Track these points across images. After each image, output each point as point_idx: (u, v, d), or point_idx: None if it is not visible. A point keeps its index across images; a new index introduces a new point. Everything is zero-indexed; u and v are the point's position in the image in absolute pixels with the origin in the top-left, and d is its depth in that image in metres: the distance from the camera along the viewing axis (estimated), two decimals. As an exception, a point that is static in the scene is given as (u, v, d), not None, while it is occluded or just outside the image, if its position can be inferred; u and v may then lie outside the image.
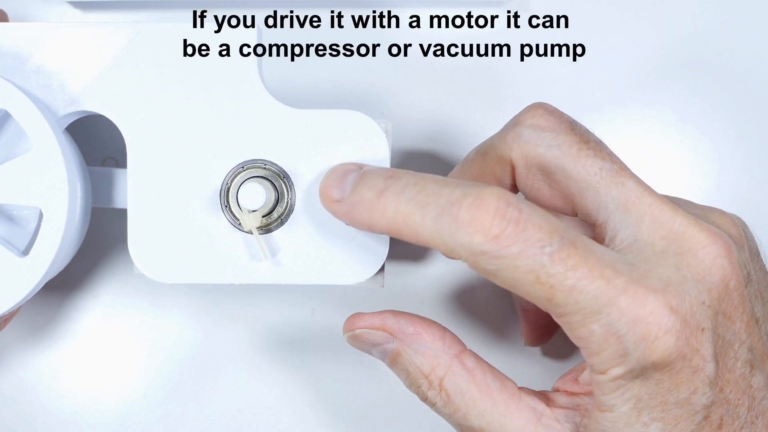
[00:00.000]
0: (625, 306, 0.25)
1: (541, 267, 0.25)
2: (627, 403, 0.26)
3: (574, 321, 0.26)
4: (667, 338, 0.25)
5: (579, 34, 0.39)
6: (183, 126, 0.31)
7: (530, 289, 0.26)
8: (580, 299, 0.25)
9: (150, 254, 0.31)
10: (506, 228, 0.25)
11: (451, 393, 0.29)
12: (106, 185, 0.34)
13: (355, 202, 0.28)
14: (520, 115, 0.31)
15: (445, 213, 0.26)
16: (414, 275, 0.39)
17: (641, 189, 0.28)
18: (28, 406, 0.39)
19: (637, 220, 0.28)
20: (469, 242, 0.25)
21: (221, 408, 0.39)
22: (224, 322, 0.39)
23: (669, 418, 0.26)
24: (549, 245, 0.25)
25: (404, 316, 0.30)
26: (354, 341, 0.31)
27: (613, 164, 0.29)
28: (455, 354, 0.30)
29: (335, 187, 0.29)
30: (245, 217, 0.30)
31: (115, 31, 0.31)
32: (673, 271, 0.26)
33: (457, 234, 0.26)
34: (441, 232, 0.26)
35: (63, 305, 0.39)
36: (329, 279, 0.31)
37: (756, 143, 0.40)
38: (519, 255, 0.25)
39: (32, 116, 0.29)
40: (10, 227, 0.32)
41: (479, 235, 0.25)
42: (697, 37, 0.39)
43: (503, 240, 0.25)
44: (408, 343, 0.30)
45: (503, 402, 0.29)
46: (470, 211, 0.26)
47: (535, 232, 0.25)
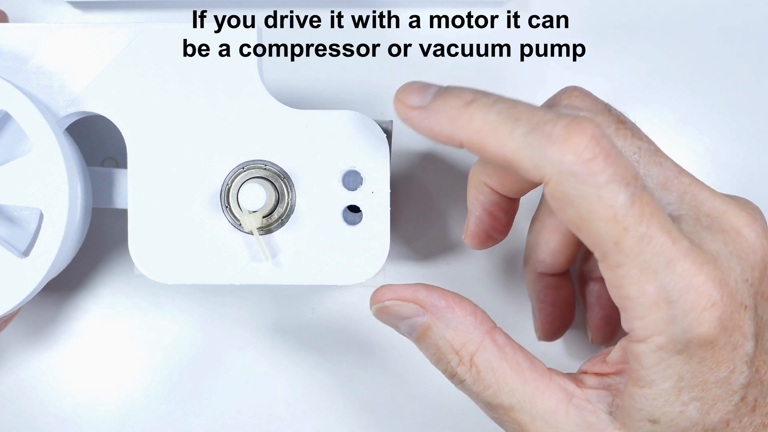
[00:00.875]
0: (682, 271, 0.25)
1: (622, 205, 0.25)
2: (668, 380, 0.26)
3: (630, 275, 0.25)
4: (714, 311, 0.25)
5: (579, 34, 0.39)
6: (183, 126, 0.31)
7: (602, 225, 0.25)
8: (646, 250, 0.25)
9: (150, 255, 0.31)
10: (599, 155, 0.25)
11: (482, 369, 0.29)
12: (107, 185, 0.34)
13: (437, 109, 0.27)
14: (555, 96, 0.31)
15: (538, 129, 0.25)
16: (414, 275, 0.39)
17: (679, 169, 0.28)
18: (29, 406, 0.39)
19: (678, 198, 0.28)
20: (559, 159, 0.25)
21: (221, 408, 0.39)
22: (224, 322, 0.39)
23: (708, 398, 0.26)
24: (633, 186, 0.25)
25: (436, 289, 0.30)
26: (381, 314, 0.30)
27: (650, 145, 0.29)
28: (487, 330, 0.29)
29: (416, 94, 0.28)
30: (246, 218, 0.30)
31: (116, 32, 0.31)
32: (721, 245, 0.26)
33: (548, 149, 0.25)
34: (530, 146, 0.25)
35: (63, 305, 0.39)
36: (329, 280, 0.31)
37: (755, 143, 0.40)
38: (606, 185, 0.25)
39: (32, 117, 0.29)
40: (10, 228, 0.32)
41: (571, 154, 0.25)
42: (697, 37, 0.39)
43: (594, 166, 0.25)
44: (439, 317, 0.29)
45: (534, 381, 0.28)
46: (566, 131, 0.25)
47: (624, 169, 0.25)
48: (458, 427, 0.39)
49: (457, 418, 0.39)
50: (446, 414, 0.39)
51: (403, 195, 0.39)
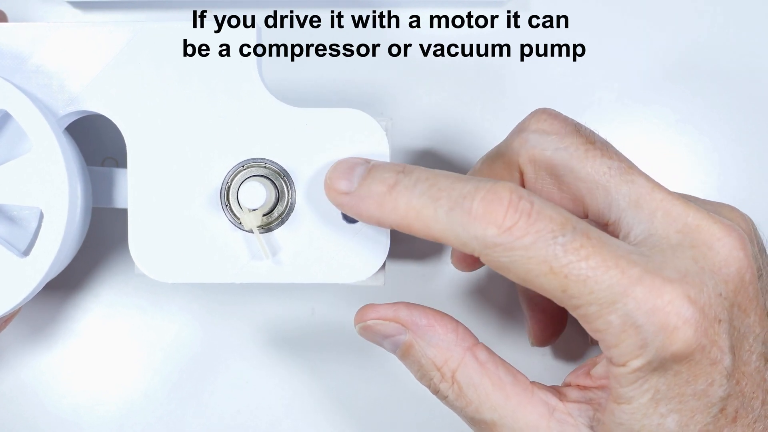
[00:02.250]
0: (641, 296, 0.25)
1: (555, 257, 0.25)
2: (645, 394, 0.26)
3: (590, 312, 0.26)
4: (686, 328, 0.25)
5: (579, 34, 0.39)
6: (183, 125, 0.31)
7: (544, 280, 0.26)
8: (595, 289, 0.25)
9: (151, 254, 0.31)
10: (519, 220, 0.25)
11: (463, 386, 0.29)
12: (107, 185, 0.34)
13: (363, 195, 0.28)
14: (524, 121, 0.31)
15: (458, 206, 0.26)
16: (414, 274, 0.39)
17: (651, 185, 0.28)
18: (29, 406, 0.39)
19: (649, 216, 0.28)
20: (482, 234, 0.26)
21: (221, 408, 0.39)
22: (224, 321, 0.39)
23: (686, 410, 0.26)
24: (561, 235, 0.25)
25: (417, 307, 0.30)
26: (365, 332, 0.31)
27: (621, 163, 0.29)
28: (468, 347, 0.30)
29: (343, 179, 0.29)
30: (246, 216, 0.30)
31: (115, 31, 0.31)
32: (690, 262, 0.26)
33: (471, 226, 0.26)
34: (454, 225, 0.26)
35: (63, 305, 0.39)
36: (330, 278, 0.31)
37: (756, 143, 0.40)
38: (532, 246, 0.25)
39: (32, 116, 0.29)
40: (10, 228, 0.32)
41: (492, 226, 0.25)
42: (697, 37, 0.39)
43: (516, 231, 0.25)
44: (421, 335, 0.30)
45: (516, 396, 0.29)
46: (483, 204, 0.26)
47: (547, 223, 0.25)
48: (457, 427, 0.39)
49: (455, 418, 0.39)
50: (446, 414, 0.39)
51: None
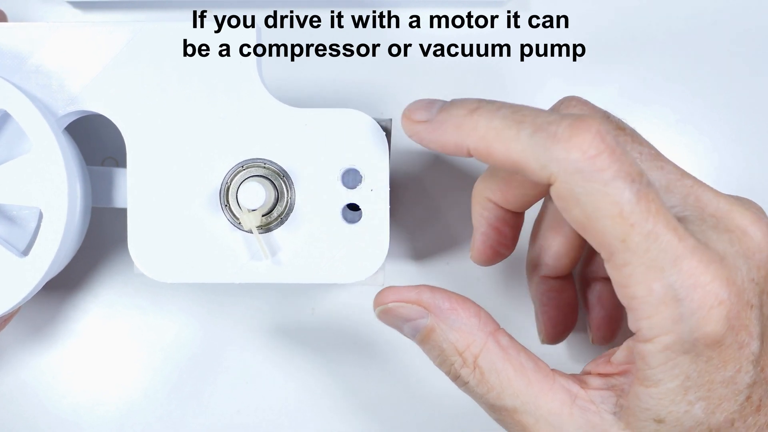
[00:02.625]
0: (688, 269, 0.25)
1: (628, 201, 0.25)
2: (675, 379, 0.26)
3: (636, 273, 0.25)
4: (721, 310, 0.25)
5: (579, 34, 0.39)
6: (183, 125, 0.31)
7: (609, 223, 0.25)
8: (652, 248, 0.25)
9: (150, 254, 0.31)
10: (604, 151, 0.25)
11: (485, 371, 0.28)
12: (106, 185, 0.34)
13: (443, 120, 0.28)
14: (554, 107, 0.31)
15: (542, 129, 0.26)
16: (414, 274, 0.39)
17: (681, 171, 0.28)
18: (28, 407, 0.39)
19: (682, 200, 0.28)
20: (565, 157, 0.25)
21: (221, 408, 0.39)
22: (224, 322, 0.39)
23: (713, 398, 0.26)
24: (639, 183, 0.25)
25: (439, 291, 0.30)
26: (385, 316, 0.30)
27: (650, 150, 0.29)
28: (490, 332, 0.29)
29: (421, 110, 0.29)
30: (245, 216, 0.30)
31: (115, 31, 0.31)
32: (727, 245, 0.26)
33: (554, 148, 0.25)
34: (535, 146, 0.25)
35: (63, 305, 0.39)
36: (329, 278, 0.31)
37: (755, 143, 0.40)
38: (611, 181, 0.25)
39: (32, 116, 0.29)
40: (10, 227, 0.32)
41: (577, 151, 0.25)
42: (697, 37, 0.39)
43: (599, 162, 0.25)
44: (443, 319, 0.29)
45: (538, 382, 0.28)
46: (570, 129, 0.25)
47: (629, 166, 0.25)
48: (458, 427, 0.39)
49: (457, 417, 0.39)
50: (446, 414, 0.39)
51: (403, 193, 0.39)
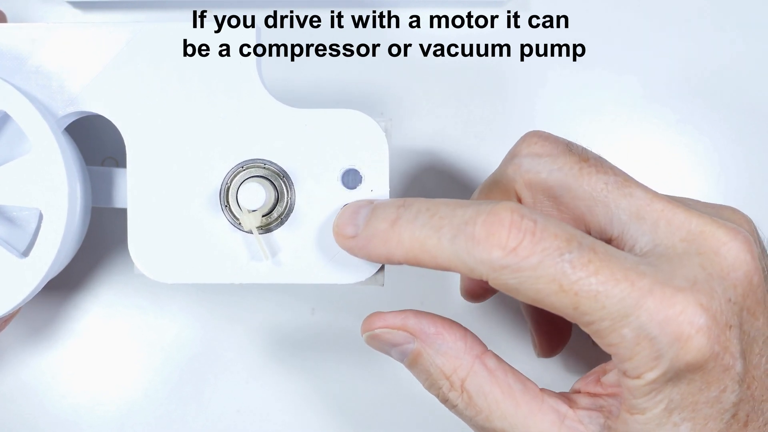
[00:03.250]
0: (653, 307, 0.25)
1: (563, 275, 0.25)
2: (659, 405, 0.26)
3: (603, 328, 0.25)
4: (700, 337, 0.25)
5: (579, 34, 0.39)
6: (182, 126, 0.31)
7: (555, 299, 0.25)
8: (606, 304, 0.25)
9: (150, 254, 0.31)
10: (523, 239, 0.25)
11: (473, 394, 0.29)
12: (106, 185, 0.34)
13: (369, 236, 0.28)
14: (516, 147, 0.31)
15: (460, 233, 0.26)
16: (414, 274, 0.39)
17: (650, 195, 0.28)
18: (28, 407, 0.39)
19: (652, 227, 0.28)
20: (488, 258, 0.25)
21: (221, 408, 0.39)
22: (224, 322, 0.39)
23: (699, 418, 0.26)
24: (568, 252, 0.25)
25: (425, 315, 0.30)
26: (373, 341, 0.30)
27: (617, 177, 0.29)
28: (477, 354, 0.29)
29: (348, 225, 0.29)
30: (245, 217, 0.30)
31: (115, 31, 0.31)
32: (698, 270, 0.26)
33: (475, 251, 0.26)
34: (459, 252, 0.26)
35: (63, 305, 0.39)
36: (329, 278, 0.31)
37: (756, 143, 0.40)
38: (539, 265, 0.25)
39: (31, 117, 0.29)
40: (10, 228, 0.32)
41: (497, 249, 0.25)
42: (697, 37, 0.39)
43: (521, 251, 0.25)
44: (429, 344, 0.29)
45: (526, 403, 0.28)
46: (485, 227, 0.26)
47: (552, 240, 0.25)
48: (457, 428, 0.39)
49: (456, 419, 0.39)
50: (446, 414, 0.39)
51: (402, 194, 0.39)
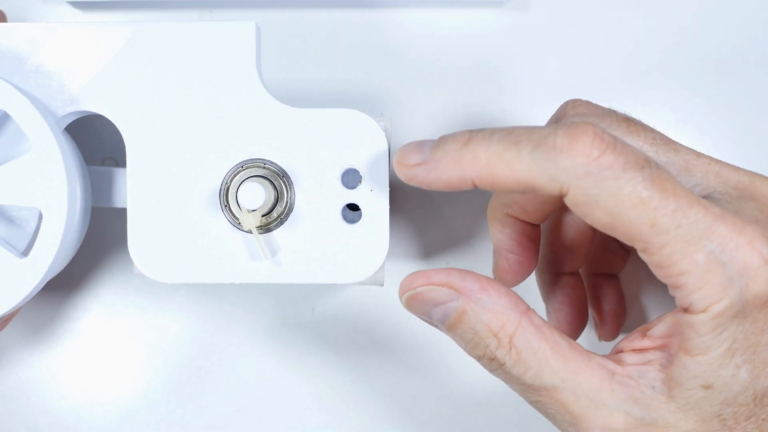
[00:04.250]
0: (725, 233, 0.25)
1: (644, 187, 0.25)
2: (723, 343, 0.26)
3: (676, 251, 0.25)
4: (767, 269, 0.25)
5: (579, 34, 0.39)
6: (182, 125, 0.31)
7: (633, 213, 0.25)
8: (683, 223, 0.25)
9: (150, 254, 0.31)
10: (606, 149, 0.25)
11: (522, 350, 0.28)
12: (106, 184, 0.34)
13: (439, 158, 0.28)
14: (559, 110, 0.31)
15: (541, 144, 0.26)
16: (414, 275, 0.39)
17: (695, 152, 0.29)
18: (28, 407, 0.39)
19: (703, 177, 0.28)
20: (572, 164, 0.25)
21: (221, 408, 0.39)
22: (224, 322, 0.39)
23: (758, 361, 0.26)
24: (649, 168, 0.25)
25: (468, 273, 0.29)
26: (413, 302, 0.29)
27: (662, 136, 0.29)
28: (523, 311, 0.28)
29: (414, 153, 0.28)
30: (245, 217, 0.30)
31: (114, 31, 0.31)
32: (756, 211, 0.27)
33: (558, 159, 0.25)
34: (540, 161, 0.26)
35: (63, 305, 0.39)
36: (329, 278, 0.31)
37: (755, 143, 0.40)
38: (623, 174, 0.25)
39: (31, 117, 0.29)
40: (9, 228, 0.32)
41: (581, 156, 0.25)
42: (698, 36, 0.39)
43: (605, 160, 0.25)
44: (475, 300, 0.28)
45: (574, 360, 0.28)
46: (568, 137, 0.25)
47: (633, 155, 0.25)
48: (460, 425, 0.39)
49: (458, 416, 0.39)
50: (447, 413, 0.39)
51: (402, 193, 0.39)
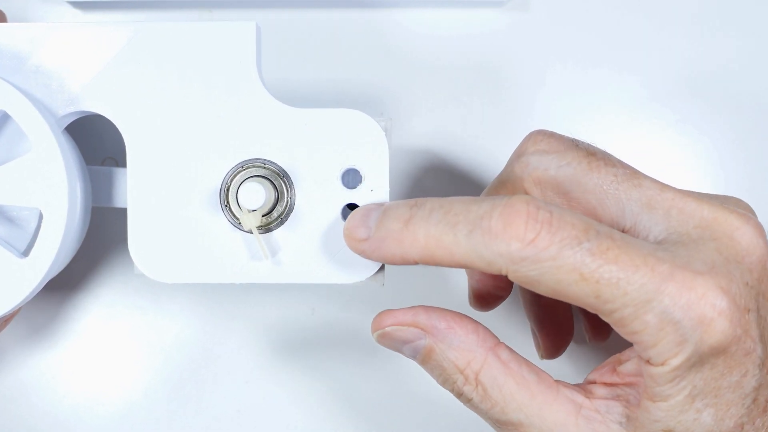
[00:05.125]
0: (675, 292, 0.25)
1: (583, 263, 0.25)
2: (682, 391, 0.26)
3: (626, 315, 0.25)
4: (722, 320, 0.25)
5: (579, 34, 0.39)
6: (182, 125, 0.31)
7: (576, 288, 0.25)
8: (629, 290, 0.25)
9: (150, 254, 0.31)
10: (541, 230, 0.25)
11: (487, 387, 0.28)
12: (106, 184, 0.34)
13: (382, 237, 0.28)
14: (521, 146, 0.31)
15: (476, 227, 0.26)
16: (415, 275, 0.39)
17: (660, 186, 0.28)
18: (28, 407, 0.39)
19: (665, 216, 0.28)
20: (507, 250, 0.25)
21: (221, 408, 0.39)
22: (224, 322, 0.39)
23: (721, 404, 0.26)
24: (587, 240, 0.25)
25: (435, 310, 0.29)
26: (384, 339, 0.30)
27: (625, 169, 0.29)
28: (490, 347, 0.29)
29: (360, 227, 0.29)
30: (245, 217, 0.30)
31: (114, 31, 0.31)
32: (714, 254, 0.26)
33: (493, 245, 0.25)
34: (476, 246, 0.26)
35: (63, 305, 0.39)
36: (329, 278, 0.31)
37: (756, 143, 0.40)
38: (559, 254, 0.25)
39: (31, 117, 0.29)
40: (10, 228, 0.32)
41: (515, 241, 0.25)
42: (698, 37, 0.39)
43: (540, 242, 0.25)
44: (441, 339, 0.29)
45: (541, 394, 0.28)
46: (502, 220, 0.25)
47: (569, 230, 0.25)
48: (459, 427, 0.39)
49: (457, 417, 0.39)
50: (447, 414, 0.39)
51: (402, 194, 0.39)
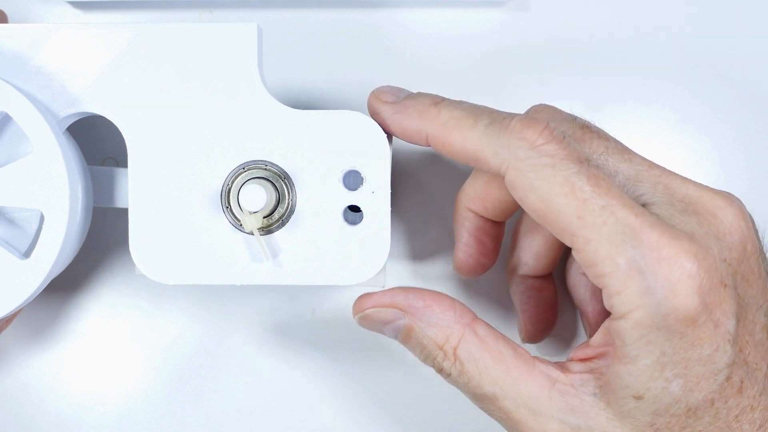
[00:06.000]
0: (652, 241, 0.25)
1: (578, 179, 0.26)
2: (651, 355, 0.26)
3: (600, 249, 0.26)
4: (690, 284, 0.25)
5: (579, 35, 0.39)
6: (183, 127, 0.31)
7: (562, 202, 0.26)
8: (609, 221, 0.26)
9: (151, 255, 0.31)
10: (552, 141, 0.27)
11: (464, 361, 0.29)
12: (107, 185, 0.34)
13: (408, 105, 0.30)
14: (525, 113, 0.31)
15: (497, 122, 0.28)
16: (414, 274, 0.39)
17: (648, 163, 0.29)
18: (29, 407, 0.39)
19: (651, 188, 0.28)
20: (516, 144, 0.27)
21: (221, 408, 0.39)
22: (225, 322, 0.39)
23: (691, 376, 0.26)
24: (587, 165, 0.26)
25: (413, 290, 0.30)
26: (365, 321, 0.31)
27: (617, 144, 0.30)
28: (467, 323, 0.30)
29: (389, 93, 0.31)
30: (246, 218, 0.30)
31: (116, 32, 0.31)
32: (695, 226, 0.27)
33: (506, 137, 0.27)
34: (490, 135, 0.28)
35: (64, 306, 0.39)
36: (330, 280, 0.31)
37: (756, 143, 0.40)
38: (560, 163, 0.26)
39: (33, 119, 0.29)
40: (11, 229, 0.32)
41: (526, 141, 0.27)
42: (698, 37, 0.39)
43: (547, 149, 0.27)
44: (419, 317, 0.30)
45: (516, 368, 0.29)
46: (522, 122, 0.27)
47: (576, 152, 0.27)
48: (460, 425, 0.39)
49: (458, 416, 0.39)
50: (448, 412, 0.39)
51: (403, 194, 0.39)
